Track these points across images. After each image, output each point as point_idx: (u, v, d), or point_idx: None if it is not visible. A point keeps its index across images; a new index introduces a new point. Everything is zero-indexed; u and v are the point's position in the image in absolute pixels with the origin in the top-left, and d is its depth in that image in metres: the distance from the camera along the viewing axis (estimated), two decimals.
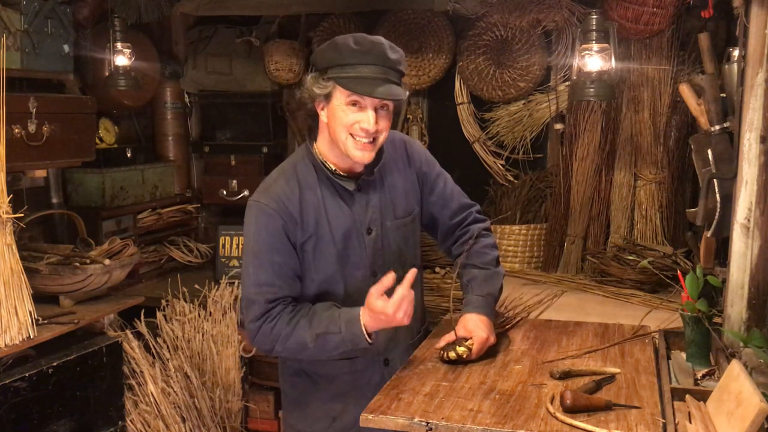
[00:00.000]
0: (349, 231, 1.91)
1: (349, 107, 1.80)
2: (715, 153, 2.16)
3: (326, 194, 1.90)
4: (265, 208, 1.85)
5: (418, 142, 2.22)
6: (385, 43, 1.80)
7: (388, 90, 1.77)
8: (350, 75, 1.77)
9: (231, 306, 3.00)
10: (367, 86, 1.76)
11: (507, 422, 1.54)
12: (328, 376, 1.98)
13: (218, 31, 3.81)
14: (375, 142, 1.84)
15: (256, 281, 1.84)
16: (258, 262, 1.84)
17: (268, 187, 1.90)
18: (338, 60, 1.78)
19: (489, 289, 2.04)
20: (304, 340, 1.80)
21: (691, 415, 1.64)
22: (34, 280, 2.33)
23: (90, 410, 2.48)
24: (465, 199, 2.16)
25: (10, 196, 2.18)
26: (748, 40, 1.88)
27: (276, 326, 1.82)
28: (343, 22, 3.62)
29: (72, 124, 2.82)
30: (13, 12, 2.56)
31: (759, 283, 1.92)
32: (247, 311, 1.86)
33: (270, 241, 1.84)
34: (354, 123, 1.79)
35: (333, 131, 1.84)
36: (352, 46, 1.77)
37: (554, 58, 3.39)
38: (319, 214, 1.89)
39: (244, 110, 3.84)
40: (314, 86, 1.83)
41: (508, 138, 3.61)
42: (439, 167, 2.13)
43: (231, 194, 3.83)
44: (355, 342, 1.80)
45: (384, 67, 1.78)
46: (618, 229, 3.37)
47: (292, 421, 2.07)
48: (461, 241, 2.13)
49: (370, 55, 1.77)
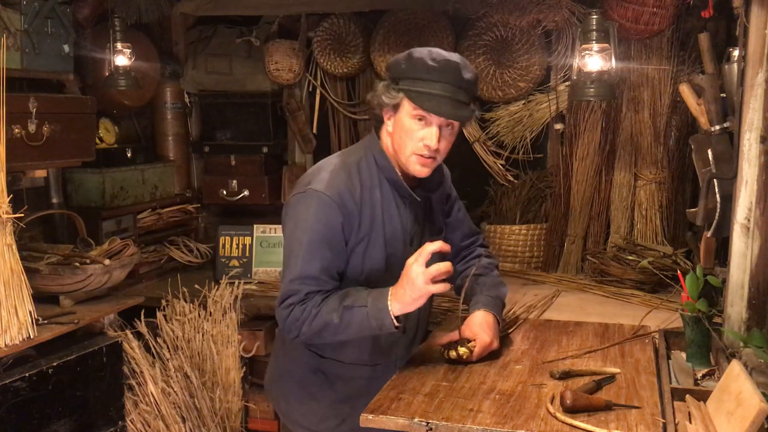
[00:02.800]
0: (398, 238, 1.93)
1: (415, 121, 1.81)
2: (715, 153, 2.16)
3: (385, 195, 1.91)
4: (327, 200, 1.81)
5: (444, 165, 2.24)
6: (461, 63, 1.80)
7: (455, 111, 1.78)
8: (421, 90, 1.77)
9: (231, 306, 3.00)
10: (436, 104, 1.77)
11: (507, 422, 1.54)
12: (345, 378, 1.99)
13: (218, 31, 3.81)
14: (436, 160, 1.86)
15: (302, 273, 1.81)
16: (309, 255, 1.81)
17: (331, 179, 1.86)
18: (411, 73, 1.79)
19: (497, 293, 2.07)
20: (330, 315, 1.78)
21: (691, 415, 1.64)
22: (34, 280, 2.33)
23: (90, 410, 2.47)
24: (474, 225, 2.26)
25: (10, 196, 2.17)
26: (748, 40, 1.89)
27: (306, 308, 1.80)
28: (343, 22, 3.62)
29: (72, 124, 2.82)
30: (13, 12, 2.56)
31: (759, 283, 1.92)
32: (283, 296, 1.84)
33: (326, 235, 1.82)
34: (418, 138, 1.81)
35: (397, 142, 1.86)
36: (428, 62, 1.78)
37: (554, 58, 3.39)
38: (376, 216, 1.88)
39: (244, 110, 3.84)
40: (384, 95, 1.84)
41: (508, 138, 3.60)
42: (455, 192, 2.20)
43: (231, 194, 3.83)
44: (379, 319, 1.76)
45: (455, 87, 1.78)
46: (618, 229, 3.37)
47: (296, 417, 2.06)
48: (466, 260, 2.19)
49: (443, 73, 1.77)
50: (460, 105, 1.79)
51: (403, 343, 2.04)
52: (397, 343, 2.01)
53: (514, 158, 3.63)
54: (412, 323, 2.03)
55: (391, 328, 1.78)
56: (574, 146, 3.37)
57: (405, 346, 2.05)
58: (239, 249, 3.45)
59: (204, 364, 2.92)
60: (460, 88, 1.79)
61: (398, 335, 1.95)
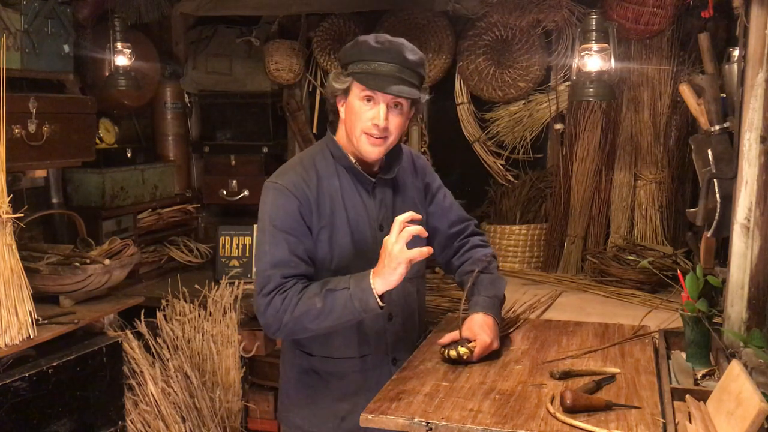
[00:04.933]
0: (364, 223, 1.96)
1: (364, 102, 1.86)
2: (715, 153, 2.16)
3: (345, 184, 1.96)
4: (281, 188, 1.89)
5: (422, 155, 2.30)
6: (406, 45, 1.87)
7: (400, 88, 1.83)
8: (366, 70, 1.83)
9: (231, 306, 3.00)
10: (380, 82, 1.82)
11: (507, 422, 1.54)
12: (338, 374, 1.99)
13: (218, 31, 3.81)
14: (386, 140, 1.89)
15: (272, 259, 1.85)
16: (275, 241, 1.86)
17: (286, 171, 1.95)
18: (357, 56, 1.86)
19: (495, 291, 2.06)
20: (312, 300, 1.79)
21: (691, 415, 1.64)
22: (34, 280, 2.33)
23: (90, 410, 2.47)
24: (463, 212, 2.23)
25: (10, 196, 2.17)
26: (748, 40, 1.88)
27: (287, 297, 1.81)
28: (343, 22, 3.62)
29: (72, 124, 2.82)
30: (13, 12, 2.56)
31: (759, 283, 1.92)
32: (260, 286, 1.86)
33: (286, 221, 1.87)
34: (367, 119, 1.86)
35: (349, 127, 1.91)
36: (372, 44, 1.85)
37: (554, 58, 3.39)
38: (336, 203, 1.93)
39: (244, 110, 3.84)
40: (335, 81, 1.90)
41: (508, 138, 3.61)
42: (439, 181, 2.21)
43: (231, 194, 3.83)
44: (363, 300, 1.76)
45: (401, 66, 1.84)
46: (618, 229, 3.37)
47: (297, 422, 2.06)
48: (461, 252, 2.17)
49: (388, 53, 1.84)
50: (405, 83, 1.84)
51: (392, 331, 2.02)
52: (384, 331, 2.00)
53: (514, 158, 3.63)
54: (397, 308, 2.02)
55: (376, 309, 1.77)
56: (574, 146, 3.38)
57: (394, 334, 2.02)
58: (239, 249, 3.45)
59: (204, 364, 2.92)
60: (405, 67, 1.84)
61: (383, 321, 1.98)
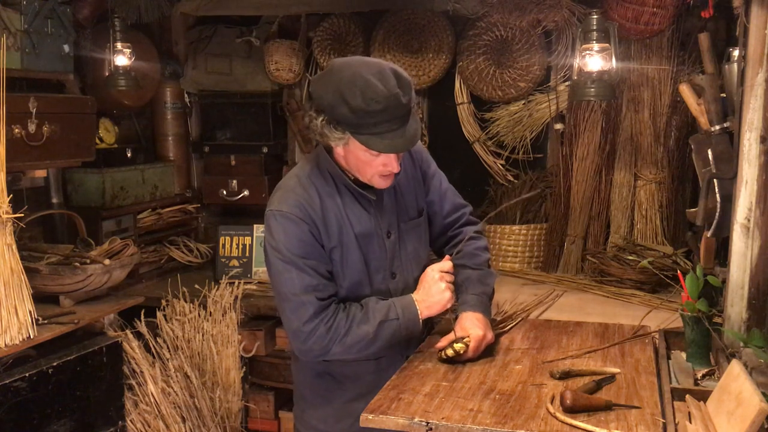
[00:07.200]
0: (371, 235, 1.95)
1: (370, 154, 1.80)
2: (715, 153, 2.16)
3: (347, 201, 1.92)
4: (288, 216, 1.85)
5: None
6: (397, 91, 1.70)
7: (410, 138, 1.77)
8: (371, 133, 1.73)
9: (231, 306, 3.00)
10: (389, 144, 1.74)
11: (507, 422, 1.54)
12: (353, 376, 2.00)
13: (218, 31, 3.81)
14: (397, 173, 1.89)
15: (302, 285, 1.83)
16: (299, 269, 1.84)
17: (286, 196, 1.89)
18: (353, 120, 1.72)
19: (483, 288, 2.06)
20: (365, 332, 1.85)
21: (691, 415, 1.64)
22: (34, 280, 2.33)
23: (90, 410, 2.47)
24: (458, 199, 2.19)
25: (10, 196, 2.18)
26: (748, 40, 1.88)
27: (333, 325, 1.83)
28: (343, 22, 3.61)
29: (72, 124, 2.82)
30: (13, 12, 2.56)
31: (759, 283, 1.92)
32: (297, 314, 1.83)
33: (303, 247, 1.85)
34: (378, 164, 1.82)
35: (354, 167, 1.87)
36: (368, 108, 1.69)
37: (554, 58, 3.39)
38: (342, 222, 1.90)
39: (244, 110, 3.84)
40: (329, 134, 1.78)
41: (508, 138, 3.60)
42: (435, 165, 2.15)
43: (231, 194, 3.83)
44: (410, 328, 1.90)
45: (401, 118, 1.74)
46: (618, 229, 3.37)
47: (312, 422, 2.07)
48: (453, 243, 2.16)
49: (385, 112, 1.70)
50: (409, 129, 1.77)
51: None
52: None
53: (514, 158, 3.63)
54: None
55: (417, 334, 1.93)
56: (574, 146, 3.37)
57: None
58: (239, 249, 3.44)
59: (204, 364, 2.93)
60: (405, 113, 1.75)
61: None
